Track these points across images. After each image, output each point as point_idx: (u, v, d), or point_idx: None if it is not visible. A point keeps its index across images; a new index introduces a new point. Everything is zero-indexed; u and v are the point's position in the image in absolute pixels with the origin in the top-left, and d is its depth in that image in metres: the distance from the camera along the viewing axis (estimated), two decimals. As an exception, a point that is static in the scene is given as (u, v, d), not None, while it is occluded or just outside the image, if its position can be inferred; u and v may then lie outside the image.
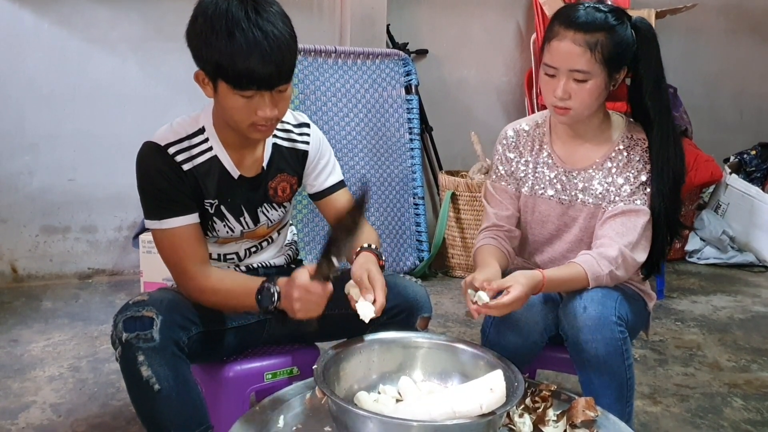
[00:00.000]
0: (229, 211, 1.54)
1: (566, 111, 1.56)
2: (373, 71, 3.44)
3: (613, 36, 1.50)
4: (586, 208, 1.66)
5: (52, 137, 3.18)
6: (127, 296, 3.05)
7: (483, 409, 1.20)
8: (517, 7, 4.04)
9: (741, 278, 3.83)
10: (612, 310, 1.51)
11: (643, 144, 1.63)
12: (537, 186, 1.71)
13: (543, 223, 1.71)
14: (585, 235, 1.68)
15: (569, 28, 1.50)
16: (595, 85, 1.52)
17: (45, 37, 3.11)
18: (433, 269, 3.64)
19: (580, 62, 1.50)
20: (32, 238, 3.24)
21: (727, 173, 4.23)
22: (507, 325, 1.57)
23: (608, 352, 1.49)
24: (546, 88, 1.57)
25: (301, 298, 1.35)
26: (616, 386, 1.52)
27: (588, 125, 1.65)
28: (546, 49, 1.56)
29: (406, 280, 1.63)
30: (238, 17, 1.30)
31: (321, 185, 1.68)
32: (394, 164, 3.49)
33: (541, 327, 1.59)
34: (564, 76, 1.52)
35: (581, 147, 1.68)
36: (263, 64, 1.31)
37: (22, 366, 2.36)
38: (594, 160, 1.66)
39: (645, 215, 1.59)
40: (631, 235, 1.57)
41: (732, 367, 2.59)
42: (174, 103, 3.26)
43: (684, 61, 4.45)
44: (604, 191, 1.64)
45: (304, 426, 1.32)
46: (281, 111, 1.42)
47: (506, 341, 1.57)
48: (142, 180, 1.47)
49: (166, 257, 1.50)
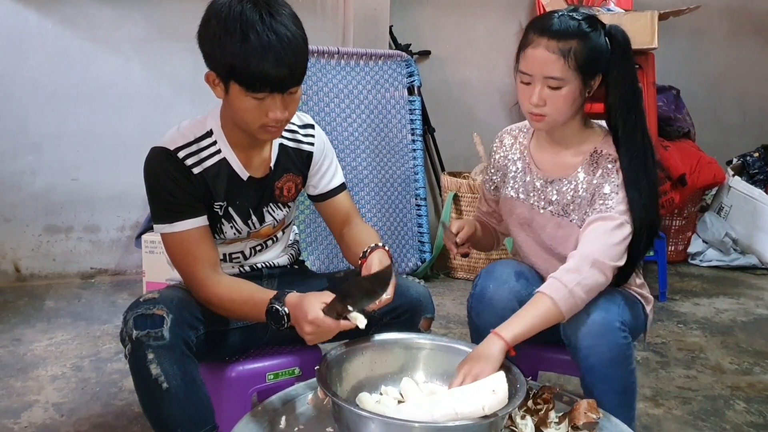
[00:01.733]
0: (236, 213, 1.55)
1: (541, 117, 1.56)
2: (375, 72, 3.45)
3: (586, 43, 1.50)
4: (553, 218, 1.65)
5: (56, 137, 3.19)
6: (130, 296, 3.05)
7: (485, 410, 1.20)
8: (520, 9, 4.05)
9: (743, 281, 3.82)
10: (616, 315, 1.50)
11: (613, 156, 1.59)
12: (514, 189, 1.73)
13: (519, 225, 1.73)
14: (554, 243, 1.67)
15: (543, 35, 1.51)
16: (569, 91, 1.52)
17: (49, 37, 3.12)
18: (435, 270, 3.64)
19: (554, 69, 1.50)
20: (35, 237, 3.25)
21: (730, 175, 4.22)
22: (482, 304, 1.63)
23: (612, 358, 1.48)
24: (522, 95, 1.58)
25: (312, 333, 1.34)
26: (619, 391, 1.52)
27: (564, 133, 1.64)
28: (521, 56, 1.57)
29: (409, 280, 1.64)
30: (253, 20, 1.31)
31: (324, 188, 1.68)
32: (397, 165, 3.49)
33: (516, 304, 1.57)
34: (539, 83, 1.53)
35: (557, 155, 1.67)
36: (277, 67, 1.32)
37: (24, 365, 2.36)
38: (565, 170, 1.65)
39: (613, 220, 1.54)
40: (599, 240, 1.53)
41: (734, 369, 2.59)
42: (177, 102, 3.26)
43: (687, 63, 4.45)
44: (569, 202, 1.62)
45: (306, 427, 1.32)
46: (291, 113, 1.42)
47: (484, 321, 1.59)
48: (152, 184, 1.46)
49: (177, 262, 1.50)
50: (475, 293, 1.66)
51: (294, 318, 1.36)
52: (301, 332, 1.36)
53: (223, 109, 1.49)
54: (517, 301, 1.59)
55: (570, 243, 1.62)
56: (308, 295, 1.36)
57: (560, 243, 1.65)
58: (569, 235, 1.63)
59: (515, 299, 1.60)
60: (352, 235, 1.65)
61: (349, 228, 1.68)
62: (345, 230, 1.68)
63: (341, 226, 1.70)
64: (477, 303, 1.65)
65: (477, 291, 1.66)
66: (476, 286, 1.68)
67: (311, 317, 1.31)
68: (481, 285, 1.66)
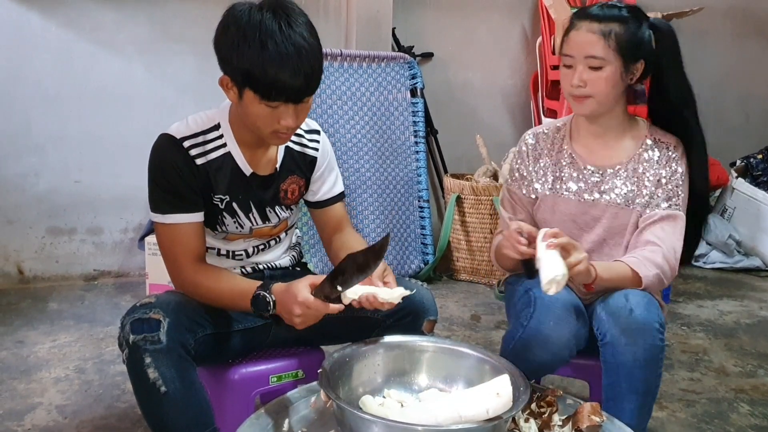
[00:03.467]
0: (240, 208, 1.56)
1: (583, 100, 1.61)
2: (378, 74, 3.45)
3: (626, 27, 1.58)
4: (610, 208, 1.67)
5: (59, 139, 3.19)
6: (133, 298, 3.05)
7: (489, 413, 1.20)
8: (523, 10, 4.04)
9: (747, 283, 3.81)
10: (656, 317, 1.50)
11: (671, 146, 1.67)
12: (557, 185, 1.72)
13: (563, 223, 1.70)
14: (608, 235, 1.69)
15: (585, 19, 1.60)
16: (610, 72, 1.58)
17: (52, 39, 3.12)
18: (438, 272, 3.64)
19: (595, 49, 1.57)
20: (38, 239, 3.25)
21: (734, 177, 4.21)
22: (537, 341, 1.51)
23: (646, 359, 1.48)
24: (565, 79, 1.63)
25: (302, 314, 1.37)
26: (643, 393, 1.51)
27: (609, 122, 1.68)
28: (564, 42, 1.63)
29: (412, 283, 1.63)
30: (272, 29, 1.32)
31: (323, 195, 1.70)
32: (399, 167, 3.49)
33: (573, 344, 1.53)
34: (580, 65, 1.59)
35: (604, 146, 1.70)
36: (293, 77, 1.33)
37: (27, 367, 2.37)
38: (618, 159, 1.68)
39: (682, 221, 1.62)
40: (672, 241, 1.60)
41: (738, 372, 2.58)
42: (180, 104, 3.26)
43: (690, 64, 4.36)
44: (630, 192, 1.66)
45: (309, 430, 1.32)
46: (302, 120, 1.45)
47: (533, 356, 1.51)
48: (155, 171, 1.48)
49: (164, 249, 1.52)
50: (530, 326, 1.52)
51: (282, 303, 1.39)
52: (290, 317, 1.39)
53: (233, 109, 1.51)
54: (575, 340, 1.53)
55: (625, 234, 1.66)
56: (295, 281, 1.39)
57: (616, 234, 1.67)
58: (626, 224, 1.66)
59: (573, 338, 1.53)
60: (342, 241, 1.67)
61: (340, 235, 1.70)
62: (335, 237, 1.71)
63: (332, 232, 1.72)
64: (531, 337, 1.51)
65: (532, 325, 1.51)
66: (530, 318, 1.53)
67: (301, 298, 1.35)
68: (537, 319, 1.52)
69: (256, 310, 1.43)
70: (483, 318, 3.03)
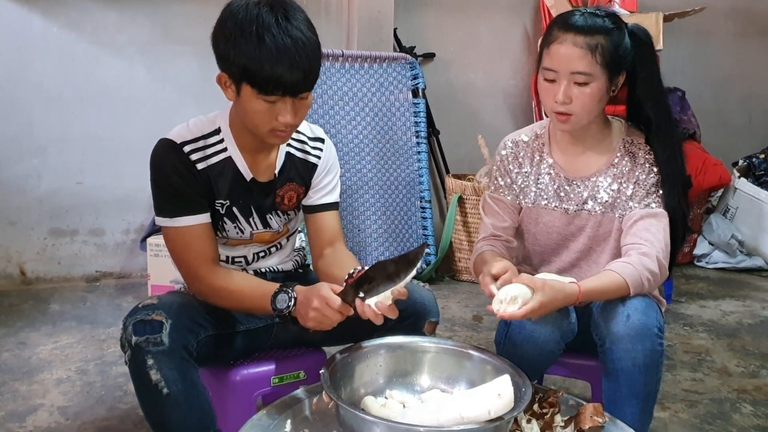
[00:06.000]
0: (240, 213, 1.55)
1: (567, 117, 1.54)
2: (380, 75, 3.45)
3: (612, 39, 1.50)
4: (593, 217, 1.65)
5: (60, 140, 3.20)
6: (135, 299, 3.05)
7: (491, 414, 1.19)
8: (525, 11, 4.04)
9: (750, 283, 3.80)
10: (655, 321, 1.48)
11: (645, 147, 1.63)
12: (539, 197, 1.69)
13: (548, 234, 1.69)
14: (594, 243, 1.67)
15: (569, 31, 1.50)
16: (596, 88, 1.51)
17: (53, 41, 3.13)
18: (440, 273, 3.64)
19: (582, 64, 1.49)
20: (40, 240, 3.26)
21: (736, 177, 4.20)
22: (521, 337, 1.52)
23: (646, 364, 1.46)
24: (546, 94, 1.55)
25: (318, 308, 1.34)
26: (643, 397, 1.50)
27: (588, 132, 1.63)
28: (545, 53, 1.55)
29: (414, 284, 1.63)
30: (269, 23, 1.32)
31: (317, 201, 1.66)
32: (401, 168, 3.48)
33: (557, 336, 1.53)
34: (564, 80, 1.51)
35: (582, 155, 1.66)
36: (291, 71, 1.33)
37: (29, 369, 2.37)
38: (597, 167, 1.65)
39: (664, 217, 1.58)
40: (659, 239, 1.55)
41: (741, 372, 2.57)
42: (182, 106, 3.27)
43: (692, 64, 4.44)
44: (612, 198, 1.63)
45: (310, 431, 1.32)
46: (301, 118, 1.43)
47: (522, 352, 1.52)
48: (157, 176, 1.48)
49: (176, 255, 1.51)
50: (514, 324, 1.54)
51: (303, 299, 1.37)
52: (306, 311, 1.35)
53: (233, 110, 1.50)
54: (559, 333, 1.53)
55: (610, 240, 1.63)
56: (318, 284, 1.39)
57: (601, 241, 1.65)
58: (610, 230, 1.64)
59: (557, 330, 1.53)
60: (335, 257, 1.62)
61: (332, 250, 1.65)
62: (327, 251, 1.65)
63: (324, 245, 1.66)
64: (516, 335, 1.54)
65: (515, 323, 1.53)
66: None
67: (324, 293, 1.33)
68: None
69: (276, 307, 1.40)
70: (485, 319, 3.03)
